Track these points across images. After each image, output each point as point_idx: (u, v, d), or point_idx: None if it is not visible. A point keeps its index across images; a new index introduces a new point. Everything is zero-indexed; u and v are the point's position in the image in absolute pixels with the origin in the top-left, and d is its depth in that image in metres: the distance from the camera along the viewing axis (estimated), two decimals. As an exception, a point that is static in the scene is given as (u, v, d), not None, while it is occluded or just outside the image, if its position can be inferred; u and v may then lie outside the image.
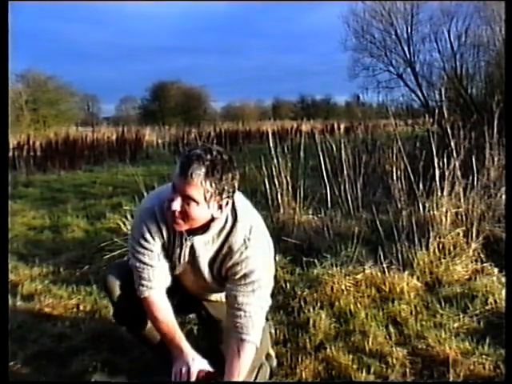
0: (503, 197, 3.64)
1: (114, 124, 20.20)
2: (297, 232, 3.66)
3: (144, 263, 1.74)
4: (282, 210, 3.91)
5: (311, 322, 2.49)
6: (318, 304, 2.69)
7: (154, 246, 1.73)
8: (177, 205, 1.58)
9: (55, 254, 3.97)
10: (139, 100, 34.81)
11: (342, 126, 15.55)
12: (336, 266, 2.98)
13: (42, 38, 76.18)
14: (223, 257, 1.75)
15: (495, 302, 2.65)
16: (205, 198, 1.58)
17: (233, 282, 1.75)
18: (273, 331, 2.35)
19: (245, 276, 1.73)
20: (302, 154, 4.19)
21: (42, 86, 21.48)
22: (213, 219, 1.66)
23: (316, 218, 3.87)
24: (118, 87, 66.19)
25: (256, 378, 1.84)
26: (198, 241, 1.73)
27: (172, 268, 1.81)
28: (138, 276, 1.76)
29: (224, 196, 1.61)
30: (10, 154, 10.20)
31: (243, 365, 1.71)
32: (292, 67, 79.24)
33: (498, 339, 2.27)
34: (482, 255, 3.28)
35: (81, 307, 2.83)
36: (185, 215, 1.61)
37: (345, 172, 4.19)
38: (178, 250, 1.77)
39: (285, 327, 2.47)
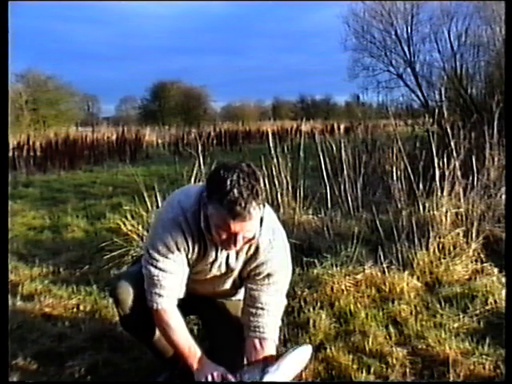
0: (503, 197, 3.64)
1: (114, 124, 20.19)
2: (297, 232, 3.66)
3: (164, 271, 1.70)
4: (282, 210, 3.91)
5: (311, 322, 2.49)
6: (318, 304, 2.69)
7: (178, 256, 1.71)
8: (240, 244, 1.59)
9: (55, 254, 3.98)
10: (139, 100, 34.75)
11: (342, 126, 15.55)
12: (336, 266, 2.98)
13: (42, 38, 75.94)
14: (248, 258, 1.76)
15: (495, 302, 2.65)
16: (258, 218, 1.58)
17: (256, 282, 1.77)
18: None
19: (269, 276, 1.75)
20: (301, 154, 4.19)
21: (42, 86, 21.46)
22: None
23: (316, 218, 3.87)
24: (117, 87, 66.18)
25: None
26: (233, 250, 1.73)
27: (196, 272, 1.81)
28: (157, 285, 1.71)
29: (264, 201, 1.59)
30: (10, 154, 10.20)
31: None
32: (292, 67, 79.29)
33: (498, 339, 2.27)
34: (482, 255, 3.28)
35: (81, 307, 2.83)
36: (243, 240, 1.60)
37: (345, 172, 4.20)
38: (212, 261, 1.76)
39: (285, 327, 2.46)
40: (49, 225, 5.00)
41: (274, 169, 4.01)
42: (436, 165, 3.63)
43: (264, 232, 1.69)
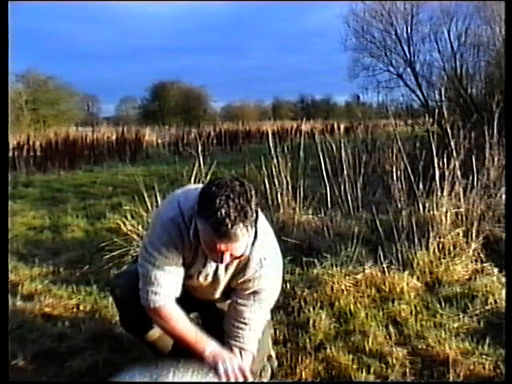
0: (503, 197, 3.64)
1: (114, 124, 20.16)
2: (297, 232, 3.66)
3: (162, 269, 1.69)
4: (282, 210, 3.91)
5: (311, 321, 2.49)
6: (318, 304, 2.69)
7: (175, 255, 1.70)
8: (227, 260, 1.58)
9: (55, 254, 3.98)
10: (139, 100, 34.74)
11: (342, 126, 15.55)
12: (336, 266, 2.98)
13: (42, 38, 75.76)
14: (237, 272, 1.75)
15: (495, 301, 2.66)
16: (247, 239, 1.57)
17: (242, 296, 1.76)
18: (272, 331, 2.34)
19: (255, 293, 1.75)
20: (301, 154, 4.19)
21: (42, 86, 21.44)
22: None
23: (316, 218, 3.88)
24: (118, 87, 66.09)
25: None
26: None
27: (185, 277, 1.80)
28: (154, 283, 1.70)
29: (255, 221, 1.58)
30: (10, 154, 10.20)
31: None
32: (292, 67, 79.28)
33: (498, 339, 2.27)
34: (481, 255, 3.28)
35: (81, 307, 2.83)
36: (231, 257, 1.60)
37: (345, 172, 4.20)
38: (200, 268, 1.76)
39: (285, 327, 2.47)
40: (49, 225, 5.00)
41: (274, 169, 4.01)
42: (436, 165, 3.63)
43: (256, 249, 1.67)
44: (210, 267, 1.75)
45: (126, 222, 3.89)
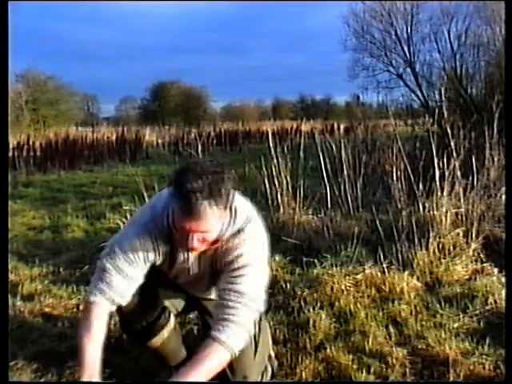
0: (503, 197, 3.64)
1: (113, 124, 20.19)
2: (297, 232, 3.66)
3: (119, 270, 1.64)
4: (281, 210, 3.91)
5: (311, 321, 2.49)
6: (318, 304, 2.68)
7: (138, 263, 1.66)
8: (195, 243, 1.54)
9: (55, 254, 3.97)
10: (139, 100, 34.91)
11: (342, 126, 15.58)
12: (336, 266, 2.98)
13: (42, 38, 75.79)
14: (222, 254, 1.70)
15: (495, 302, 2.65)
16: (216, 221, 1.53)
17: (229, 275, 1.64)
18: (271, 331, 2.34)
19: (242, 268, 1.63)
20: (301, 154, 4.19)
21: (42, 86, 21.47)
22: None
23: (316, 218, 3.87)
24: (118, 87, 66.17)
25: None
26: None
27: (173, 276, 1.80)
28: (104, 281, 1.64)
29: (228, 204, 1.56)
30: (10, 154, 10.19)
31: (211, 368, 1.53)
32: (292, 67, 79.39)
33: (498, 339, 2.27)
34: (481, 255, 3.28)
35: (81, 307, 2.82)
36: (203, 242, 1.57)
37: (345, 172, 4.20)
38: (183, 264, 1.75)
39: (285, 327, 2.47)
40: (49, 225, 5.00)
41: (274, 169, 4.01)
42: (436, 165, 3.63)
43: (237, 224, 1.64)
44: (191, 260, 1.74)
45: (125, 222, 3.89)
